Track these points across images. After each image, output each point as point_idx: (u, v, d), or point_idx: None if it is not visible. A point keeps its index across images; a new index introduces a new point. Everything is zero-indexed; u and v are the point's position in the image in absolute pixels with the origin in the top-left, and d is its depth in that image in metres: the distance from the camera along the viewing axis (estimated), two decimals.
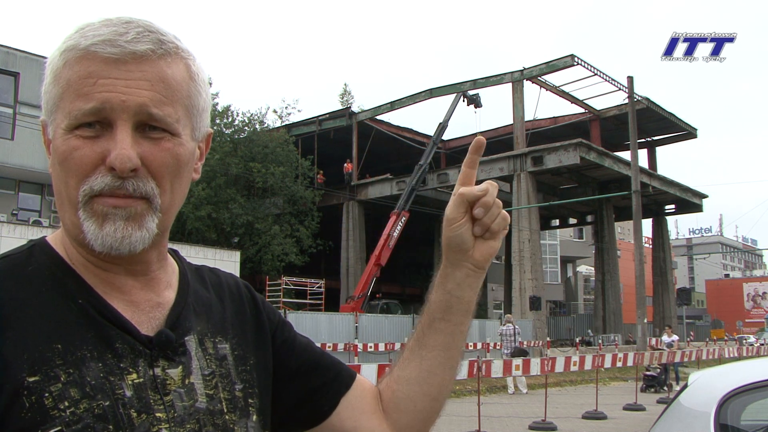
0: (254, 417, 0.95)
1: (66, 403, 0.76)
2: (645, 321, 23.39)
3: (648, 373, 16.69)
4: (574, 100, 36.60)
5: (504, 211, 0.98)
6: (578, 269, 67.86)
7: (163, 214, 0.87)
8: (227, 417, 0.90)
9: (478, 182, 0.97)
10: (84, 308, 0.84)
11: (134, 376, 0.83)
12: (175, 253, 1.02)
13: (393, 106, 37.43)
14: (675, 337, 19.06)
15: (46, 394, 0.76)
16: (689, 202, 41.29)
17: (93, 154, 0.81)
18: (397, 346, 19.80)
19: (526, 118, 34.19)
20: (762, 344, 30.08)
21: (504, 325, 17.22)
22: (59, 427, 0.75)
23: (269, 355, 1.03)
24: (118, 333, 0.84)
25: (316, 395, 1.05)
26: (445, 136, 36.38)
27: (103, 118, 0.81)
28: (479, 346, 24.44)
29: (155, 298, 0.92)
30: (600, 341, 33.34)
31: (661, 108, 37.64)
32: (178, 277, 0.98)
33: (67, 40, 0.84)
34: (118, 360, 0.82)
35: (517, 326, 16.93)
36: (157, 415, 0.83)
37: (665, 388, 16.49)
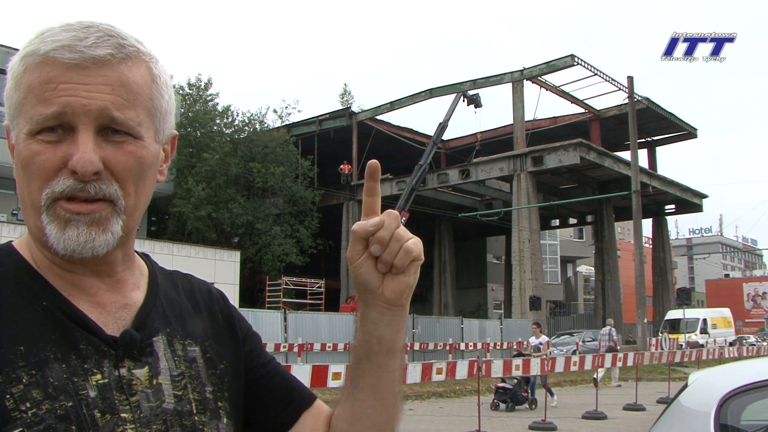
0: (225, 420, 0.94)
1: (28, 404, 0.76)
2: (645, 321, 23.40)
3: (501, 385, 13.14)
4: (574, 100, 36.60)
5: (409, 244, 0.87)
6: (578, 269, 67.84)
7: (127, 216, 0.86)
8: (196, 418, 0.90)
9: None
10: (49, 310, 0.84)
11: (98, 376, 0.82)
12: (145, 257, 1.02)
13: (393, 106, 37.43)
14: (544, 338, 15.05)
15: (8, 396, 0.76)
16: (689, 202, 41.31)
17: (55, 159, 0.81)
18: None
19: (526, 118, 34.18)
20: (755, 344, 30.19)
21: (604, 327, 20.31)
22: (20, 429, 0.75)
23: (240, 362, 1.02)
24: (82, 334, 0.84)
25: (278, 406, 1.05)
26: (445, 136, 36.38)
27: (65, 123, 0.81)
28: (479, 346, 24.47)
29: (122, 299, 0.91)
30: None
31: (661, 108, 37.64)
32: (147, 280, 0.98)
33: (27, 46, 0.84)
34: (82, 361, 0.82)
35: (613, 329, 19.51)
36: (122, 415, 0.82)
37: (530, 405, 13.25)
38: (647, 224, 40.18)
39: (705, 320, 33.72)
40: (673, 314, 34.04)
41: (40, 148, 0.82)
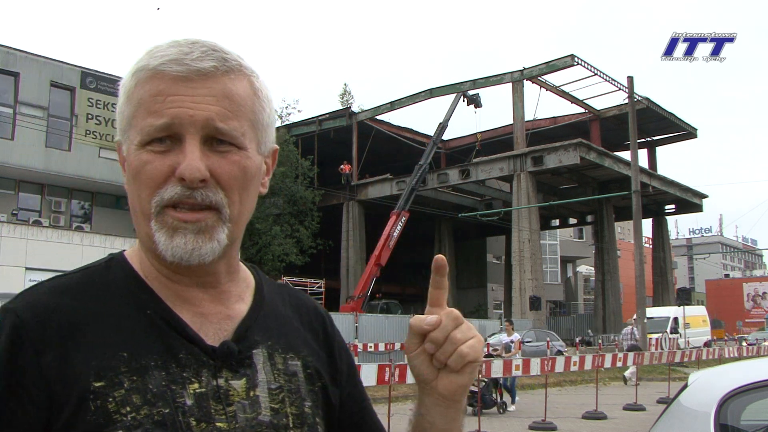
0: None
1: (128, 408, 0.80)
2: (645, 321, 23.37)
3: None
4: (574, 100, 36.61)
5: (463, 348, 0.85)
6: (578, 269, 67.84)
7: (232, 224, 0.89)
8: None
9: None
10: (153, 319, 0.87)
11: (196, 385, 0.85)
12: (254, 269, 1.04)
13: (393, 106, 37.42)
14: (516, 336, 14.47)
15: (110, 399, 0.80)
16: (689, 202, 41.32)
17: (164, 167, 0.85)
18: (397, 345, 19.81)
19: (526, 118, 34.19)
20: (752, 344, 29.81)
21: (626, 327, 20.72)
22: (120, 431, 0.79)
23: (336, 386, 1.02)
24: (183, 343, 0.87)
25: None
26: (445, 136, 36.38)
27: (173, 133, 0.85)
28: None
29: (225, 310, 0.94)
30: (600, 341, 33.32)
31: (661, 108, 37.65)
32: (252, 292, 1.00)
33: (137, 62, 0.89)
34: (181, 369, 0.85)
35: (635, 328, 20.00)
36: (218, 424, 0.84)
37: (499, 409, 12.72)
38: (647, 224, 40.20)
39: (676, 319, 30.25)
40: (648, 312, 32.85)
41: (149, 157, 0.85)
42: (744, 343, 32.10)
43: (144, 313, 0.88)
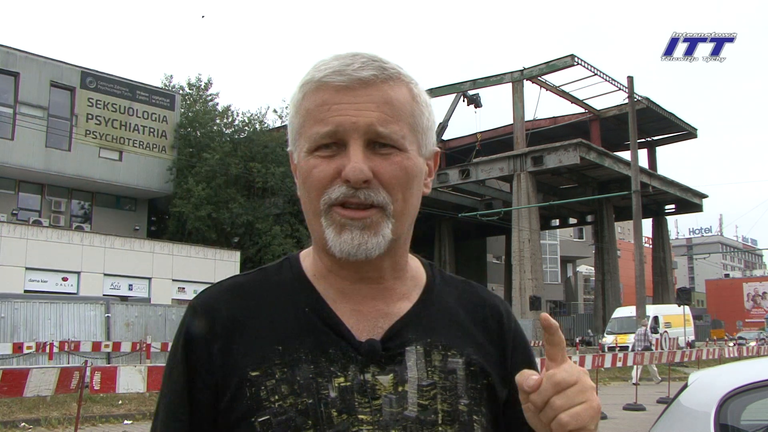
0: None
1: (276, 397, 0.90)
2: (645, 321, 23.35)
3: None
4: (574, 100, 36.61)
5: (563, 416, 0.80)
6: (578, 269, 67.86)
7: (396, 220, 0.94)
8: (440, 429, 0.92)
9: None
10: (309, 316, 0.96)
11: (341, 379, 0.91)
12: (431, 267, 1.08)
13: None
14: None
15: (262, 388, 0.90)
16: (689, 202, 41.32)
17: (330, 170, 0.91)
18: None
19: (526, 118, 34.20)
20: (744, 343, 29.46)
21: (639, 328, 21.03)
22: (268, 416, 0.89)
23: (504, 389, 1.00)
24: (334, 339, 0.94)
25: None
26: (446, 136, 36.46)
27: (338, 140, 0.91)
28: None
29: (384, 308, 0.98)
30: (600, 341, 33.31)
31: (661, 108, 37.65)
32: (421, 290, 1.03)
33: (304, 76, 0.96)
34: (329, 364, 0.92)
35: (649, 329, 20.07)
36: (360, 417, 0.90)
37: None
38: (647, 224, 40.19)
39: (656, 318, 28.50)
40: (620, 312, 30.84)
41: (317, 162, 0.92)
42: (731, 344, 31.66)
43: (302, 310, 0.96)
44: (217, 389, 0.93)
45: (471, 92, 33.80)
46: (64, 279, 23.67)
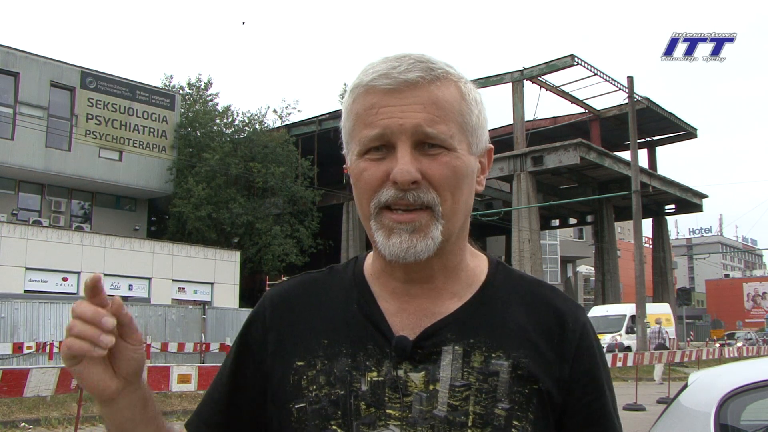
0: None
1: (314, 387, 0.96)
2: (645, 321, 23.36)
3: None
4: (574, 100, 36.59)
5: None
6: (578, 269, 67.83)
7: (446, 221, 0.94)
8: (470, 431, 0.91)
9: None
10: (355, 312, 1.00)
11: (374, 374, 0.94)
12: (495, 266, 1.06)
13: None
14: None
15: (304, 377, 0.97)
16: (689, 202, 41.29)
17: (379, 173, 0.93)
18: None
19: (526, 118, 34.18)
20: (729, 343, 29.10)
21: (654, 326, 21.49)
22: (304, 404, 0.95)
23: (560, 396, 0.97)
24: (374, 335, 0.97)
25: None
26: None
27: (386, 142, 0.93)
28: None
29: (430, 307, 0.99)
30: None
31: (661, 108, 37.63)
32: (476, 290, 1.02)
33: (354, 80, 0.98)
34: (366, 358, 0.96)
35: (663, 328, 20.84)
36: (389, 411, 0.92)
37: None
38: (647, 224, 40.15)
39: (633, 317, 26.82)
40: (596, 311, 29.74)
41: (366, 165, 0.94)
42: (717, 345, 31.19)
43: (352, 306, 1.01)
44: (267, 374, 1.00)
45: None
46: (64, 279, 23.66)
